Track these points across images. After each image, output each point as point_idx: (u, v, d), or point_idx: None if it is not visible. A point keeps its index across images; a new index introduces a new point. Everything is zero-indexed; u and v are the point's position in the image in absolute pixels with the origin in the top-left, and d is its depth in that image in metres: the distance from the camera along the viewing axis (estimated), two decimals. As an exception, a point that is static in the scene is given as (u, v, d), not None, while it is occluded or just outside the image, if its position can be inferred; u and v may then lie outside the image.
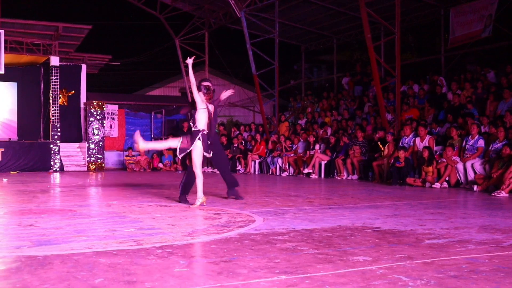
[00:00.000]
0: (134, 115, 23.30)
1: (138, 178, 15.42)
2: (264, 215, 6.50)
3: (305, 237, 4.90)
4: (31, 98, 21.19)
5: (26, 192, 10.11)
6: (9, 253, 4.12)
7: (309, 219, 6.16)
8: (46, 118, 20.84)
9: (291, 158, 16.63)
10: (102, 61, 23.21)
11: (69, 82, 21.12)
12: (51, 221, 6.03)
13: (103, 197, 9.61)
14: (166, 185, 12.23)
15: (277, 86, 20.15)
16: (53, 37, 20.08)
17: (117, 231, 5.22)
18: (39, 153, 19.51)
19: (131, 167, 20.48)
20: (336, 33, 22.57)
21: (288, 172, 16.64)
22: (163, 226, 5.56)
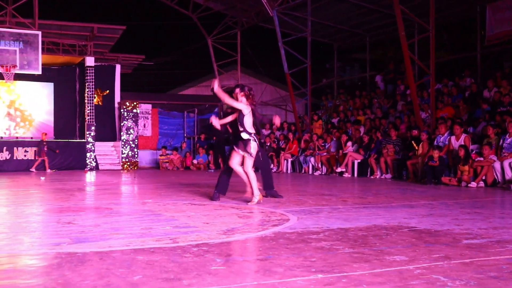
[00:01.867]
0: (167, 114, 23.51)
1: (171, 176, 15.56)
2: (298, 214, 6.49)
3: (340, 236, 4.89)
4: (67, 98, 21.59)
5: (63, 190, 10.31)
6: (49, 250, 4.21)
7: (343, 218, 6.14)
8: (81, 117, 21.19)
9: (324, 157, 16.56)
10: (135, 61, 23.49)
11: (103, 82, 21.44)
12: (88, 218, 6.13)
13: (138, 195, 9.73)
14: (199, 183, 12.31)
15: (309, 84, 20.09)
16: (88, 38, 20.41)
17: (153, 229, 5.28)
18: (74, 152, 19.86)
19: (164, 166, 20.68)
20: (369, 31, 22.38)
21: (320, 171, 16.58)
22: (198, 224, 5.60)
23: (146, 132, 22.64)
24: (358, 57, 27.94)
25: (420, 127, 14.46)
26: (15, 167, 18.70)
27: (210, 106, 24.63)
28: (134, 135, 20.85)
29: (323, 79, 27.01)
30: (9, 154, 18.83)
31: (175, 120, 23.60)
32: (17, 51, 18.46)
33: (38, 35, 18.77)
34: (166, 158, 20.89)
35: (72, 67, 21.63)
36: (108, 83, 21.72)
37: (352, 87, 25.64)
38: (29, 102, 21.18)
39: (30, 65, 18.71)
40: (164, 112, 23.46)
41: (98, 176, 16.09)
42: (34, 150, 19.10)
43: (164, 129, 23.24)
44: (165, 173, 17.77)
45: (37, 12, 19.23)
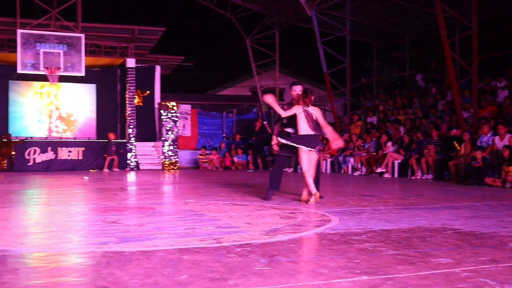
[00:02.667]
0: (206, 115, 23.70)
1: (211, 176, 15.68)
2: (340, 214, 6.47)
3: (383, 237, 4.85)
4: (109, 99, 21.98)
5: (106, 190, 10.51)
6: (97, 249, 4.31)
7: (385, 219, 6.09)
8: (122, 118, 21.53)
9: (363, 157, 16.44)
10: (175, 62, 23.77)
11: (144, 83, 21.73)
12: (133, 218, 6.24)
13: (179, 195, 9.84)
14: (239, 184, 12.37)
15: (348, 84, 19.97)
16: (129, 39, 20.73)
17: (197, 229, 5.34)
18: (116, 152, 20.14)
19: (204, 166, 20.86)
20: (408, 30, 22.11)
21: (360, 171, 16.47)
22: (240, 224, 5.64)
23: (185, 132, 22.87)
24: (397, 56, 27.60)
25: (462, 127, 14.22)
26: (59, 167, 19.13)
27: (249, 106, 24.76)
28: (174, 135, 21.07)
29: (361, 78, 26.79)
30: (53, 154, 19.27)
31: (214, 121, 23.77)
32: (61, 53, 18.92)
33: (82, 38, 19.18)
34: (205, 158, 21.07)
35: (114, 69, 22.00)
36: (149, 84, 22.02)
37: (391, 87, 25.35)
38: (72, 103, 21.64)
39: (73, 67, 19.14)
40: (203, 112, 23.65)
41: (139, 176, 16.32)
42: (103, 149, 19.50)
43: (203, 129, 23.44)
44: (204, 173, 17.91)
45: (80, 15, 19.66)
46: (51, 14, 19.54)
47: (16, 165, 18.74)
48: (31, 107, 21.10)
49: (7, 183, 12.78)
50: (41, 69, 18.75)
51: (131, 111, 20.71)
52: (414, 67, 23.58)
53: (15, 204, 8.13)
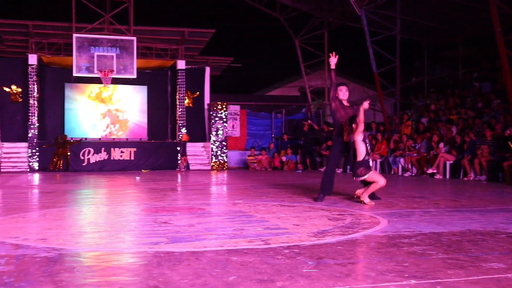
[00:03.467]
0: (255, 115, 23.78)
1: (260, 177, 15.75)
2: (389, 216, 6.42)
3: (433, 240, 4.80)
4: (160, 100, 22.34)
5: (157, 190, 10.72)
6: (149, 249, 4.42)
7: (436, 221, 6.01)
8: (173, 119, 21.86)
9: (414, 158, 16.19)
10: (224, 63, 23.97)
11: (194, 84, 21.97)
12: (183, 218, 6.36)
13: (228, 196, 9.95)
14: (287, 184, 12.39)
15: (398, 84, 19.71)
16: (179, 41, 21.03)
17: (245, 230, 5.40)
18: (167, 153, 20.50)
19: (253, 166, 20.96)
20: (460, 27, 21.61)
21: (411, 172, 16.23)
22: (288, 226, 5.68)
23: (234, 133, 23.01)
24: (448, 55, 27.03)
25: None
26: (112, 167, 19.57)
27: (298, 106, 24.72)
28: (223, 135, 21.24)
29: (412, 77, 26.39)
30: (107, 155, 19.74)
31: (263, 121, 23.84)
32: (114, 56, 19.38)
33: (134, 41, 19.59)
34: (254, 159, 21.16)
35: (164, 70, 22.34)
36: (198, 85, 22.25)
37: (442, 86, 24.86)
38: (125, 105, 22.10)
39: (126, 69, 19.57)
40: (252, 113, 23.74)
41: (189, 176, 16.55)
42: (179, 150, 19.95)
43: (252, 130, 23.52)
44: (253, 174, 18.01)
45: (132, 19, 20.09)
46: (104, 18, 20.05)
47: (72, 165, 19.30)
48: (85, 109, 21.66)
49: (63, 183, 13.20)
50: (95, 72, 19.24)
51: (181, 112, 21.01)
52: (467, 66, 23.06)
53: (70, 203, 8.40)
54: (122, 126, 22.09)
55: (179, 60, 21.09)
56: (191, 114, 21.64)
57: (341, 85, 8.35)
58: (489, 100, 17.92)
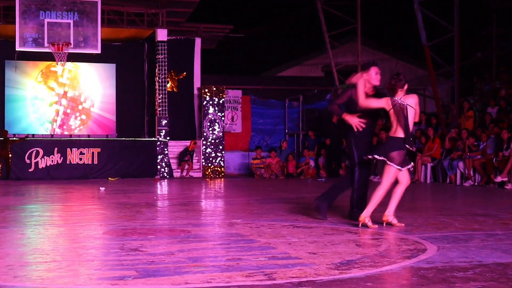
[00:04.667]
0: (262, 104, 23.77)
1: (268, 187, 15.73)
2: (439, 241, 6.41)
3: (496, 274, 4.79)
4: (133, 84, 22.34)
5: (128, 206, 10.72)
6: (111, 285, 4.44)
7: (502, 248, 6.00)
8: (151, 108, 21.87)
9: (477, 162, 16.17)
10: (220, 33, 23.90)
11: (179, 61, 21.95)
12: (159, 244, 6.37)
13: (224, 213, 9.95)
14: (305, 197, 12.38)
15: (457, 61, 19.70)
16: (159, 4, 20.99)
17: (243, 260, 5.40)
18: (143, 154, 20.53)
19: (259, 173, 20.97)
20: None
21: (472, 180, 16.21)
22: (302, 254, 5.68)
23: (235, 128, 23.02)
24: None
25: None
26: (68, 174, 19.58)
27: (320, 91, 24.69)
28: (219, 131, 21.24)
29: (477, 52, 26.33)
30: (61, 158, 19.78)
31: (273, 111, 23.83)
32: (71, 24, 19.38)
33: (97, 3, 19.56)
34: (261, 163, 21.18)
35: (140, 43, 22.36)
36: (185, 63, 22.23)
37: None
38: (86, 90, 22.11)
39: (86, 42, 19.58)
40: (259, 100, 23.74)
41: (172, 186, 16.55)
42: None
43: (258, 124, 23.52)
44: (259, 183, 18.00)
45: (95, -27, 20.07)
46: (58, -28, 20.07)
47: (14, 171, 19.36)
48: (33, 95, 21.70)
49: (2, 195, 13.23)
50: (46, 45, 19.24)
51: (162, 99, 21.02)
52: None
53: (10, 224, 8.42)
54: (82, 118, 22.10)
55: (159, 29, 21.08)
56: (175, 102, 21.62)
57: (374, 65, 8.28)
58: None
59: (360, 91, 7.82)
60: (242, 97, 23.33)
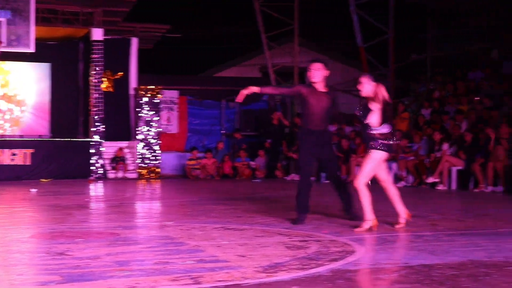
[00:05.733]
0: (199, 104, 23.69)
1: (203, 188, 15.72)
2: (368, 243, 6.49)
3: (421, 276, 4.86)
4: (68, 83, 21.99)
5: (59, 208, 10.56)
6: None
7: (429, 250, 6.10)
8: (86, 108, 21.60)
9: (410, 163, 16.42)
10: (157, 33, 23.74)
11: (115, 61, 21.70)
12: (87, 248, 6.28)
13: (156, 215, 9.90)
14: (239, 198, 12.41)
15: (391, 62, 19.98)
16: (95, 3, 20.74)
17: (170, 263, 5.38)
18: (77, 155, 20.21)
19: (194, 174, 20.90)
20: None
21: (405, 181, 16.45)
22: (230, 257, 5.67)
23: (170, 128, 22.89)
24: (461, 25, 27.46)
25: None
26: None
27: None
28: (155, 132, 21.12)
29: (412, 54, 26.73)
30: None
31: (209, 112, 23.77)
32: (3, 22, 18.99)
33: (30, 1, 19.22)
34: (196, 163, 21.11)
35: (75, 42, 22.03)
36: (122, 63, 22.00)
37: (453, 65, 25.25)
38: (18, 89, 21.71)
39: (19, 40, 19.20)
40: (195, 101, 23.67)
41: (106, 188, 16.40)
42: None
43: (195, 124, 23.42)
44: (195, 184, 17.96)
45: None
46: (-11, -31, 19.68)
47: None
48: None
49: None
50: (-25, 44, 18.86)
51: (97, 99, 20.78)
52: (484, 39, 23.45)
53: None
54: (13, 118, 21.73)
55: (94, 28, 20.82)
56: (111, 102, 21.37)
57: (313, 63, 8.31)
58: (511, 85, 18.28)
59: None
60: (179, 98, 23.21)
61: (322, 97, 8.17)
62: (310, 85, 8.26)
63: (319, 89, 8.19)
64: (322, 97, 8.17)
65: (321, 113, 8.19)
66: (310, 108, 8.20)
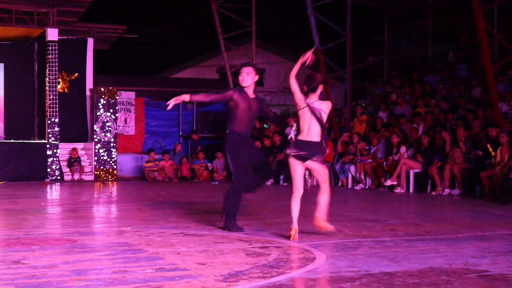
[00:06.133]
0: (156, 106, 23.58)
1: (160, 191, 15.62)
2: (329, 249, 6.48)
3: (382, 284, 4.86)
4: (23, 84, 21.74)
5: (13, 213, 10.40)
6: (-14, 304, 4.25)
7: (389, 256, 6.11)
8: (41, 110, 21.34)
9: (368, 165, 16.50)
10: (114, 34, 23.57)
11: (71, 61, 21.54)
12: (43, 256, 6.17)
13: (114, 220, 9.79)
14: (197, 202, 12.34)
15: (349, 65, 20.05)
16: (50, 2, 20.52)
17: (129, 272, 5.30)
18: (32, 157, 20.01)
19: (152, 176, 20.78)
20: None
21: (363, 184, 16.53)
22: (190, 265, 5.62)
23: (128, 130, 22.75)
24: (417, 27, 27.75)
25: (499, 124, 14.32)
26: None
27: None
28: (112, 133, 20.96)
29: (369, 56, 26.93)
30: None
31: (167, 114, 23.62)
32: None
33: (-16, 0, 18.98)
34: (154, 166, 20.99)
35: (30, 42, 21.80)
36: (77, 64, 21.84)
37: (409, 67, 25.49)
38: (-29, 90, 21.42)
39: (-28, 40, 18.97)
40: (153, 102, 23.55)
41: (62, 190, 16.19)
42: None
43: (152, 126, 23.31)
44: (152, 186, 17.86)
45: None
46: None
47: None
48: None
49: None
50: None
51: (52, 100, 20.53)
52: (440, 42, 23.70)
53: None
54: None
55: (50, 28, 20.61)
56: (67, 103, 21.18)
57: (243, 66, 8.21)
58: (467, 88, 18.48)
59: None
60: (136, 99, 23.08)
61: (252, 102, 8.10)
62: (242, 90, 8.12)
63: (250, 95, 8.09)
64: (252, 103, 8.10)
65: (250, 118, 8.11)
66: (241, 113, 8.02)
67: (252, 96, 8.09)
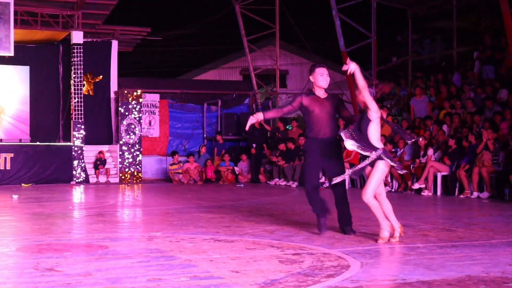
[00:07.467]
0: (180, 108, 23.62)
1: (186, 194, 15.61)
2: (362, 256, 6.41)
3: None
4: (48, 87, 21.86)
5: (42, 217, 10.41)
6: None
7: (425, 264, 6.03)
8: (66, 112, 21.44)
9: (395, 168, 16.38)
10: (138, 36, 23.63)
11: (95, 64, 21.64)
12: (76, 262, 6.17)
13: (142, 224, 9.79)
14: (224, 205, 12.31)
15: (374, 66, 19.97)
16: (75, 5, 20.62)
17: (164, 280, 5.27)
18: (57, 160, 20.10)
19: (177, 178, 20.79)
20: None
21: (390, 187, 16.42)
22: (224, 273, 5.58)
23: (152, 132, 22.80)
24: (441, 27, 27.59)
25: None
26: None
27: (239, 96, 24.66)
28: (137, 136, 21.01)
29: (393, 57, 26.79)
30: (-31, 163, 19.25)
31: (191, 116, 23.70)
32: (-18, 26, 18.83)
33: (10, 4, 19.05)
34: (178, 168, 21.00)
35: (54, 45, 21.89)
36: (102, 66, 21.92)
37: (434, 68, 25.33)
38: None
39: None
40: (177, 104, 23.58)
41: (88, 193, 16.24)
42: None
43: (176, 128, 23.33)
44: (177, 189, 17.86)
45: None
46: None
47: None
48: None
49: None
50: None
51: (77, 102, 20.63)
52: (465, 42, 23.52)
53: None
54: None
55: (74, 31, 20.69)
56: (91, 106, 21.29)
57: (319, 67, 8.02)
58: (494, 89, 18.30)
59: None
60: (160, 101, 23.12)
61: (325, 103, 8.02)
62: (310, 93, 8.11)
63: (321, 95, 8.02)
64: (325, 103, 8.02)
65: (327, 120, 8.01)
66: (314, 117, 8.00)
67: (323, 96, 8.03)
